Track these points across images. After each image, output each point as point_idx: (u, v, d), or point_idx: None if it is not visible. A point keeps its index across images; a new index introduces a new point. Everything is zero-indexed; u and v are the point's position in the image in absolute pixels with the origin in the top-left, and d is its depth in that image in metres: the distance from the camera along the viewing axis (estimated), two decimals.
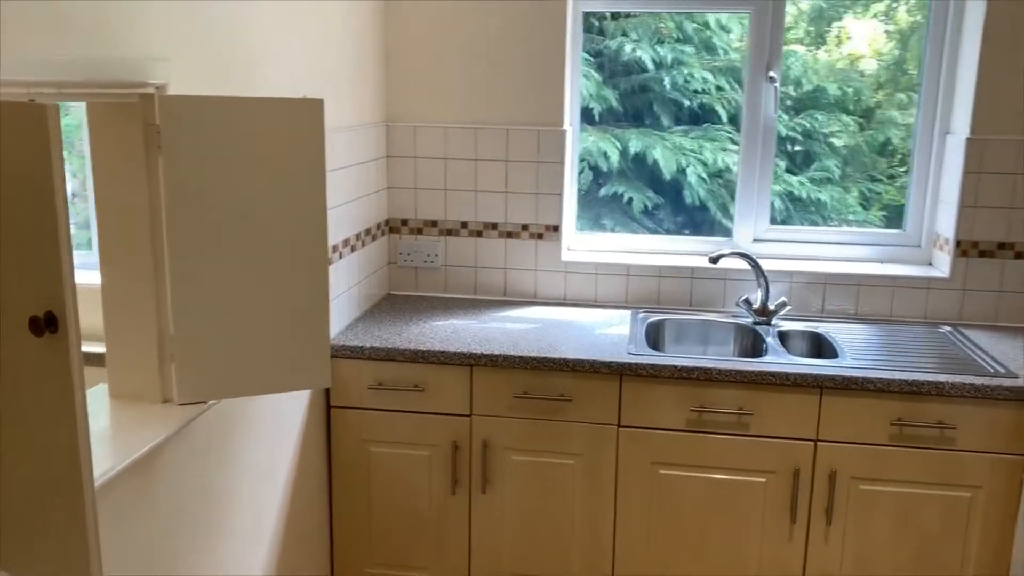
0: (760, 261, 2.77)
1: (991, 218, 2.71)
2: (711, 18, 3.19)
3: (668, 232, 3.18)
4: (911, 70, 3.10)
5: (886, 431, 2.28)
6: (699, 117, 3.25)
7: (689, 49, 3.28)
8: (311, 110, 1.78)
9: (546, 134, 2.88)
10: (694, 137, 3.25)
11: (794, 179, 3.21)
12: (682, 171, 3.21)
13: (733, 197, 3.08)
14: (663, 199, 3.25)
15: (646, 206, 3.23)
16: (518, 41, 2.84)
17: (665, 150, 3.29)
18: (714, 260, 2.73)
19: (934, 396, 2.24)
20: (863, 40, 3.21)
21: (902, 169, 3.20)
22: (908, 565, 2.35)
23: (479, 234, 2.99)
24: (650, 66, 3.23)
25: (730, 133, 3.18)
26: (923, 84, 2.88)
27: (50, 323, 1.12)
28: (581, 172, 3.11)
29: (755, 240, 3.02)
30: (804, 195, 3.22)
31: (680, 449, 2.39)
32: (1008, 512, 2.27)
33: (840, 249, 2.98)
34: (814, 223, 3.14)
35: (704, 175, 3.22)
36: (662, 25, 3.16)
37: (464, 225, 2.99)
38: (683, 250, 3.05)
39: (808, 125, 3.26)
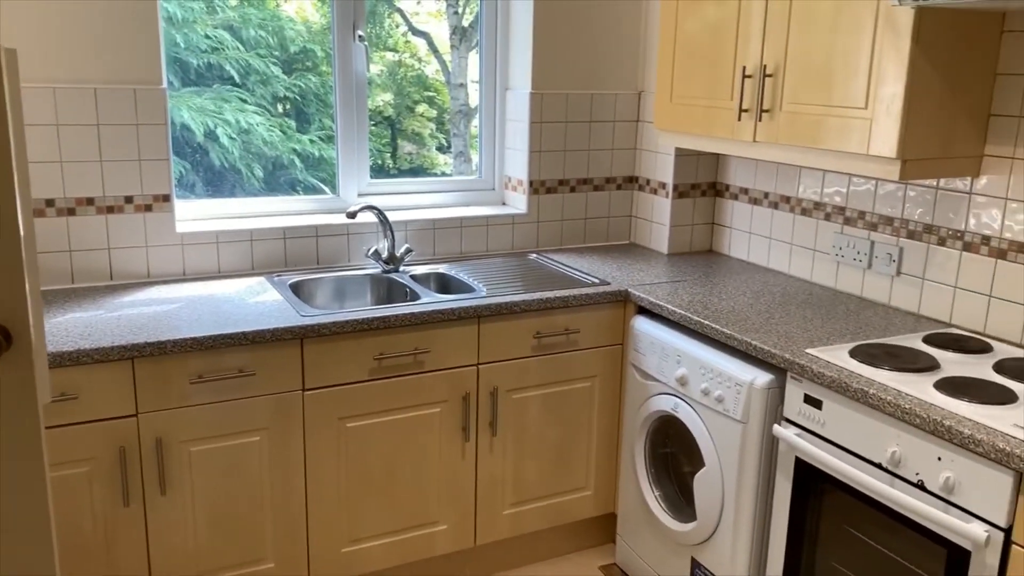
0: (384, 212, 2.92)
1: (551, 160, 3.26)
2: None
3: (206, 196, 3.10)
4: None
5: (529, 344, 2.67)
6: (205, 77, 3.21)
7: (197, 6, 3.22)
8: None
9: (144, 93, 2.59)
10: (208, 98, 3.21)
11: (304, 137, 3.40)
12: (212, 133, 3.16)
13: (267, 159, 3.16)
14: (198, 162, 3.16)
15: (183, 172, 3.11)
16: None
17: (191, 111, 3.21)
18: (351, 215, 2.80)
19: (561, 308, 2.69)
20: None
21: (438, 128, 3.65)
22: (552, 452, 2.81)
23: (71, 212, 2.57)
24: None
25: (241, 93, 3.22)
26: (483, 47, 3.30)
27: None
28: None
29: (360, 195, 3.15)
30: (317, 153, 3.42)
31: (365, 399, 2.46)
32: (615, 390, 2.86)
33: (430, 197, 3.28)
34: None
35: (234, 135, 3.22)
36: None
37: (50, 203, 2.54)
38: (293, 210, 3.04)
39: (303, 85, 3.48)
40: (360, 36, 3.02)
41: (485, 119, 3.35)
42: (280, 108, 3.39)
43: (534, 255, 3.22)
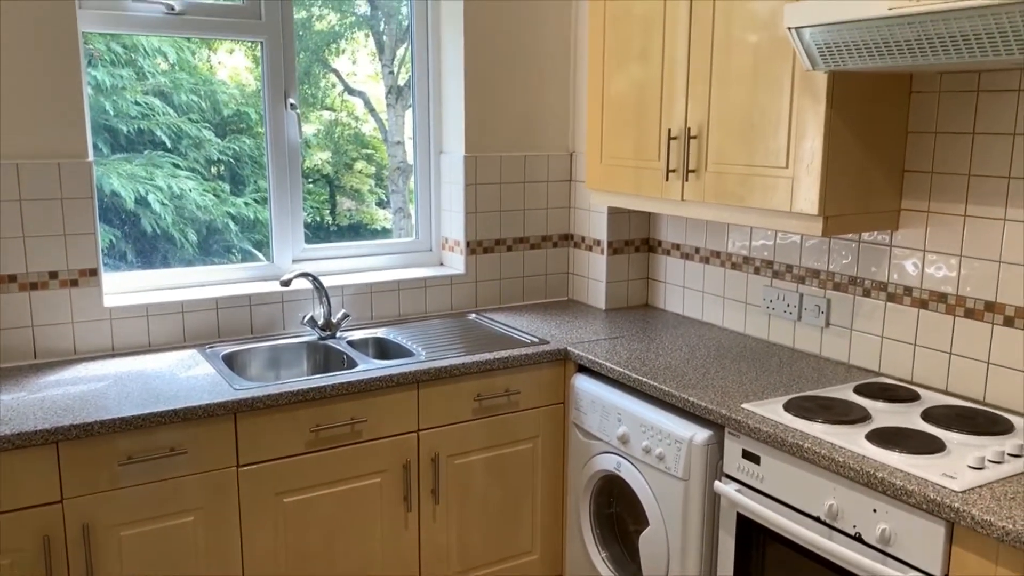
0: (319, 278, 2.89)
1: (488, 220, 3.29)
2: (142, 40, 3.10)
3: (141, 266, 3.04)
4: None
5: (470, 407, 2.65)
6: (135, 143, 3.18)
7: (127, 73, 3.20)
8: None
9: (69, 167, 2.54)
10: (139, 164, 3.17)
11: (239, 200, 3.38)
12: (143, 200, 3.11)
13: (201, 223, 3.13)
14: (128, 230, 3.10)
15: (113, 241, 3.04)
16: (24, 64, 2.43)
17: (121, 179, 3.17)
18: (285, 284, 2.77)
19: (501, 370, 2.68)
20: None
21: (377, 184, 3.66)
22: (496, 517, 2.77)
23: None
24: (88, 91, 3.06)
25: (173, 158, 3.19)
26: (415, 111, 3.32)
27: None
28: None
29: (295, 260, 3.12)
30: (252, 215, 3.39)
31: (303, 473, 2.40)
32: (558, 450, 2.84)
33: (367, 260, 3.26)
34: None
35: (166, 201, 3.18)
36: (93, 48, 3.00)
37: None
38: (226, 279, 2.99)
39: (238, 148, 3.47)
40: (292, 104, 3.02)
41: (420, 181, 3.36)
42: (214, 171, 3.36)
43: (473, 315, 3.22)
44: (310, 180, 3.51)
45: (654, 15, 2.64)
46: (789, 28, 2.01)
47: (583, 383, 2.69)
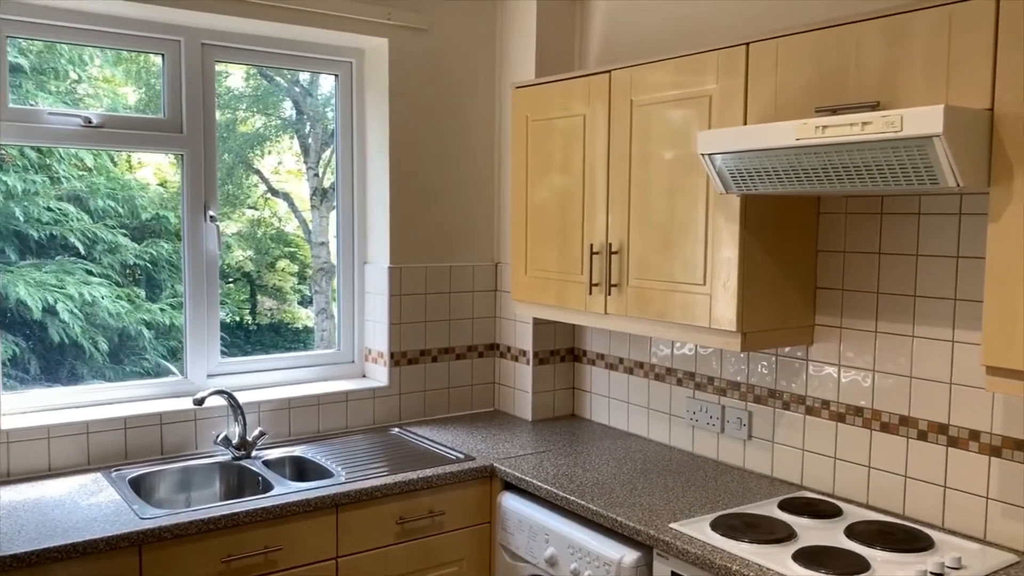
0: (234, 395, 2.79)
1: (412, 331, 3.25)
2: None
3: (46, 379, 2.91)
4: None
5: (392, 531, 2.55)
6: (46, 249, 3.09)
7: (40, 178, 3.14)
8: None
9: None
10: (49, 271, 3.07)
11: (155, 306, 3.28)
12: (51, 308, 3.00)
13: (113, 331, 3.03)
14: (34, 341, 2.97)
15: (16, 352, 2.91)
16: None
17: (28, 286, 3.07)
18: (199, 402, 2.66)
19: (425, 489, 2.60)
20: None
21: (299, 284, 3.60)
22: None
23: None
24: None
25: (86, 264, 3.11)
26: (340, 221, 3.31)
27: None
28: None
29: (210, 375, 3.01)
30: (168, 321, 3.29)
31: None
32: (484, 572, 2.74)
33: (285, 374, 3.17)
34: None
35: (76, 309, 3.07)
36: (4, 153, 2.93)
37: None
38: (135, 396, 2.86)
39: (155, 252, 3.41)
40: (211, 216, 2.97)
41: (343, 292, 3.32)
42: (130, 276, 3.26)
43: (396, 429, 3.14)
44: (230, 280, 3.44)
45: (574, 128, 2.72)
46: (702, 154, 2.09)
47: (510, 502, 2.63)
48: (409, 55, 3.16)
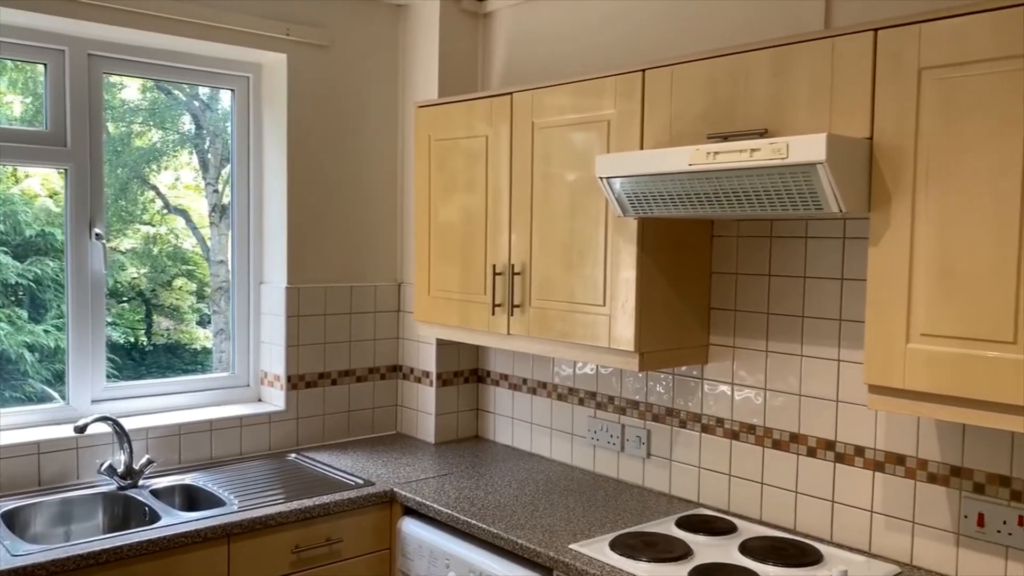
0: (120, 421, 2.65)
1: (311, 354, 3.17)
2: None
3: None
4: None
5: (287, 560, 2.47)
6: None
7: None
8: None
9: None
10: None
11: (38, 328, 3.13)
12: None
13: None
14: None
15: None
16: None
17: None
18: (80, 430, 2.51)
19: (321, 517, 2.52)
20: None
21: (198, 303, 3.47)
22: None
23: None
24: None
25: None
26: (235, 240, 3.21)
27: None
28: None
29: (94, 401, 2.86)
30: (52, 344, 3.14)
31: None
32: None
33: (176, 399, 3.04)
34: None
35: None
36: None
37: None
38: (11, 424, 2.69)
39: (39, 271, 3.25)
40: (97, 234, 2.84)
41: (239, 313, 3.22)
42: (11, 296, 3.07)
43: (294, 455, 3.05)
44: (123, 299, 3.28)
45: (477, 149, 2.72)
46: (600, 177, 2.11)
47: (410, 527, 2.58)
48: (309, 71, 3.11)
